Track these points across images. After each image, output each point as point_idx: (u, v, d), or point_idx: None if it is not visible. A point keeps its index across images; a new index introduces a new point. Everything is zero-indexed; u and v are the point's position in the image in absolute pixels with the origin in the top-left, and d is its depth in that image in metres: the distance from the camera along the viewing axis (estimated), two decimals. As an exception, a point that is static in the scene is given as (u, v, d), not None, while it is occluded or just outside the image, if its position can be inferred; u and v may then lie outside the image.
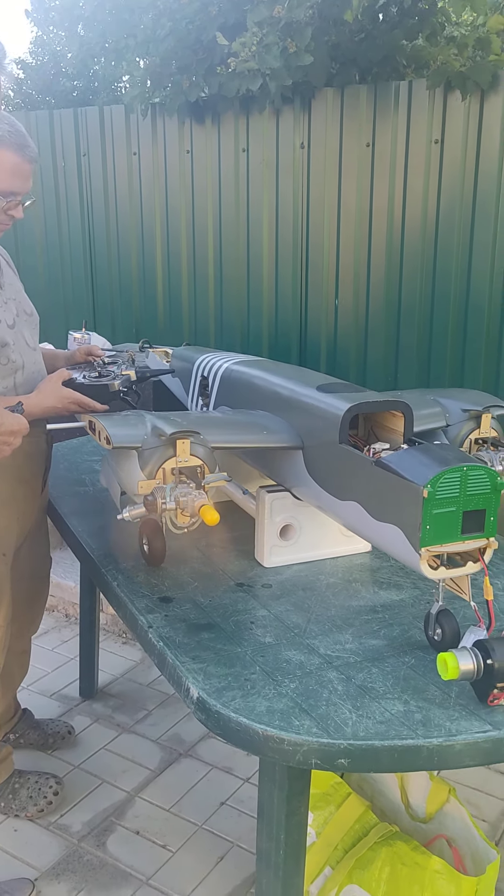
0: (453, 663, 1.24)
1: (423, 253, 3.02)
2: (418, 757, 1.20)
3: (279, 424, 1.72)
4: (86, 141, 3.83)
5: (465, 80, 2.77)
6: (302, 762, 1.21)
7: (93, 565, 1.82)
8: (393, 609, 1.60)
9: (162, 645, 1.47)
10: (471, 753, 1.21)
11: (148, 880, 1.99)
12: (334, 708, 1.28)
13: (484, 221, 2.86)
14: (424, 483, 1.28)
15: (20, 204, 1.75)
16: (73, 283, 4.03)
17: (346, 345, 3.26)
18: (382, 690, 1.32)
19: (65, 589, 3.15)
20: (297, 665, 1.40)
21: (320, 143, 3.17)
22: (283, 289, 3.38)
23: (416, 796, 1.79)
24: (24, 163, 1.70)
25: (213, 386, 2.04)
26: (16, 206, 1.75)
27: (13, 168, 1.68)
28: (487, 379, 2.96)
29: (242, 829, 2.15)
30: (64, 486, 2.24)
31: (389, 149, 3.03)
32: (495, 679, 1.24)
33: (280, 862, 1.44)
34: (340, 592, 1.66)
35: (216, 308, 3.60)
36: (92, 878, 2.00)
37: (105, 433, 1.61)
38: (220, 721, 1.28)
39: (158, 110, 3.53)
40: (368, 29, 3.18)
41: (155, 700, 2.69)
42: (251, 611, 1.59)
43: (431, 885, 1.54)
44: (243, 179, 3.39)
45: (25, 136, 1.69)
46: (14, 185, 1.70)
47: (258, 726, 1.24)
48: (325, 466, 1.58)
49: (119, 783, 2.31)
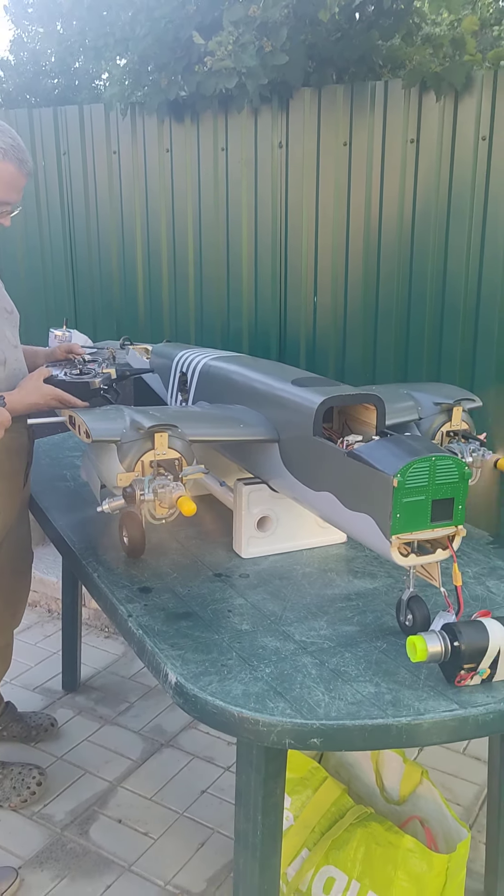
0: (422, 646, 1.28)
1: (399, 252, 3.06)
2: (388, 735, 1.24)
3: (256, 418, 1.76)
4: (65, 139, 3.85)
5: (440, 81, 2.81)
6: (276, 742, 1.26)
7: (74, 558, 1.85)
8: (367, 597, 1.64)
9: (141, 633, 1.50)
10: (438, 731, 1.25)
11: (130, 867, 2.03)
12: (308, 690, 1.32)
13: (458, 221, 2.91)
14: (394, 473, 1.33)
15: (8, 213, 1.81)
16: (54, 280, 4.05)
17: (325, 344, 3.30)
18: (355, 674, 1.37)
19: (47, 584, 3.18)
20: (272, 651, 1.44)
21: (298, 142, 3.20)
22: (263, 287, 3.41)
23: (391, 779, 1.84)
24: (21, 176, 1.77)
25: (192, 381, 2.08)
26: (5, 216, 1.81)
27: (11, 180, 1.75)
28: (463, 376, 3.01)
29: (223, 816, 2.19)
30: (45, 482, 2.27)
31: (366, 148, 3.07)
32: (462, 660, 1.29)
33: (257, 843, 1.48)
34: (316, 581, 1.71)
35: (196, 305, 3.63)
36: (75, 866, 2.03)
37: (85, 427, 1.65)
38: (197, 704, 1.32)
39: (138, 109, 3.56)
40: (345, 28, 3.22)
41: (137, 692, 2.72)
42: (229, 599, 1.63)
43: (404, 863, 1.58)
44: (222, 178, 3.42)
45: (25, 151, 1.77)
46: (9, 197, 1.77)
47: (234, 709, 1.28)
48: (299, 458, 1.63)
49: (101, 773, 2.35)
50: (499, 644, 1.29)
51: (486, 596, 1.63)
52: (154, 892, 1.96)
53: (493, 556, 1.82)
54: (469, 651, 1.28)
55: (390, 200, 3.06)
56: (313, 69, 3.22)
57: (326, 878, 1.69)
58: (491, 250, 2.85)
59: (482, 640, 1.28)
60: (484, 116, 2.80)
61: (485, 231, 2.86)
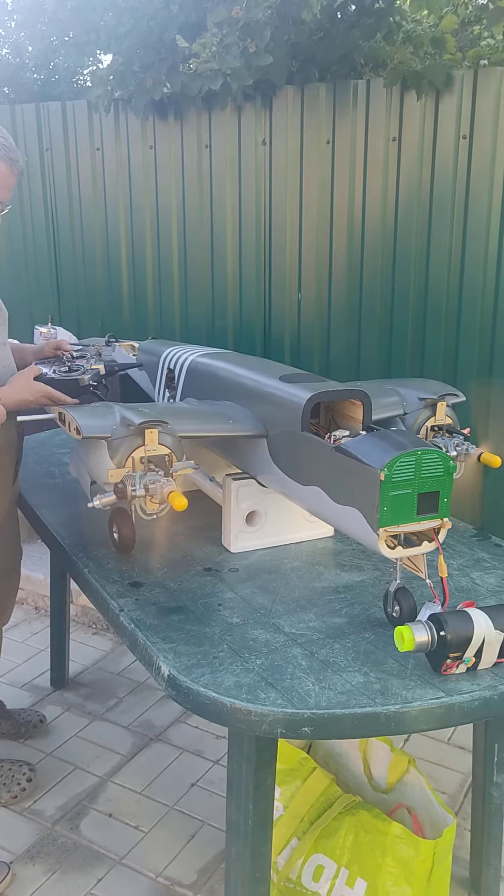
0: (409, 636, 1.31)
1: (382, 249, 3.09)
2: (377, 723, 1.27)
3: (244, 414, 1.78)
4: (48, 136, 3.85)
5: (421, 80, 2.84)
6: (268, 731, 1.28)
7: (64, 554, 1.87)
8: (354, 589, 1.67)
9: (133, 627, 1.52)
10: (425, 718, 1.29)
11: (121, 860, 2.05)
12: (298, 681, 1.35)
13: (440, 218, 2.95)
14: (381, 466, 1.35)
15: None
16: (38, 278, 4.05)
17: (310, 341, 3.33)
18: (344, 664, 1.39)
19: (34, 582, 3.18)
20: (263, 643, 1.46)
21: (282, 140, 3.22)
22: (247, 284, 3.43)
23: (379, 768, 1.87)
24: (12, 175, 1.79)
25: (180, 378, 2.10)
26: None
27: (2, 180, 1.77)
28: (445, 372, 3.05)
29: (213, 808, 2.22)
30: (34, 479, 2.28)
31: (349, 146, 3.09)
32: (448, 649, 1.32)
33: (248, 831, 1.51)
34: (304, 575, 1.73)
35: (181, 302, 3.64)
36: (66, 860, 2.05)
37: (75, 424, 1.66)
38: (189, 696, 1.34)
39: (121, 106, 3.56)
40: (327, 28, 3.24)
41: (126, 688, 2.74)
42: (219, 593, 1.65)
43: (392, 849, 1.62)
44: (206, 175, 3.44)
45: (16, 151, 1.78)
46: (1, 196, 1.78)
47: (226, 699, 1.30)
48: (288, 453, 1.65)
49: (91, 768, 2.36)
50: (483, 633, 1.32)
51: (470, 587, 1.67)
52: (146, 884, 1.98)
53: (477, 548, 1.85)
54: (455, 640, 1.31)
55: (373, 198, 3.09)
56: (296, 68, 3.24)
57: (316, 866, 1.72)
58: (472, 247, 2.89)
59: (467, 629, 1.31)
60: (464, 115, 2.84)
61: (466, 228, 2.89)
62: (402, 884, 1.60)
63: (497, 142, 2.79)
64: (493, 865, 1.94)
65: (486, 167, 2.82)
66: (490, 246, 2.85)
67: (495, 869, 1.95)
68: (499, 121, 2.77)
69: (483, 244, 2.86)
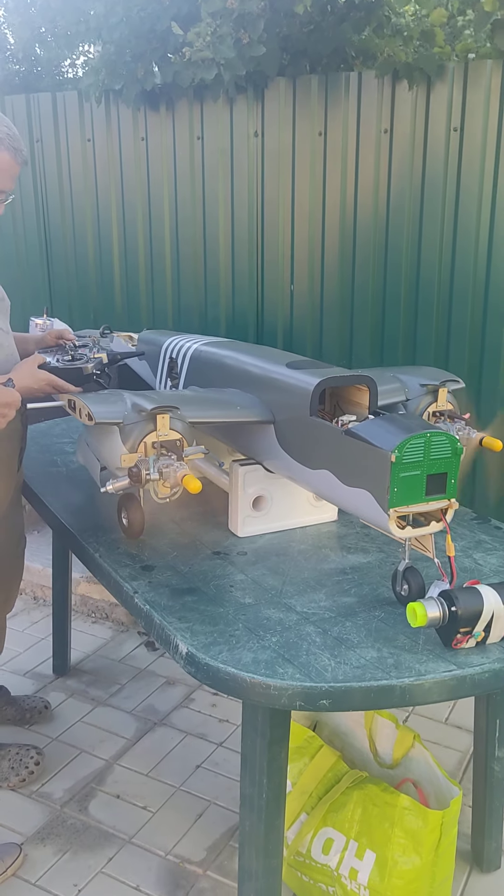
0: (422, 611, 1.36)
1: (374, 239, 3.13)
2: (392, 695, 1.32)
3: (251, 400, 1.82)
4: (38, 127, 3.85)
5: (413, 71, 2.88)
6: (287, 705, 1.32)
7: (74, 540, 1.89)
8: (361, 570, 1.71)
9: (149, 608, 1.56)
10: (438, 690, 1.33)
11: (131, 839, 2.09)
12: (314, 657, 1.39)
13: (432, 209, 2.99)
14: (392, 449, 1.40)
15: (2, 202, 1.84)
16: (29, 269, 4.05)
17: (302, 331, 3.37)
18: (357, 641, 1.44)
19: (33, 572, 3.20)
20: (276, 622, 1.51)
21: (274, 131, 3.25)
22: (240, 275, 3.46)
23: (384, 745, 1.92)
24: (16, 165, 1.81)
25: (183, 367, 2.13)
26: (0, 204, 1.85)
27: (6, 169, 1.78)
28: (437, 362, 3.10)
29: (219, 788, 2.26)
30: (37, 467, 2.30)
31: (341, 138, 3.13)
32: (458, 624, 1.36)
33: (263, 805, 1.55)
34: (311, 557, 1.78)
35: (173, 293, 3.66)
36: (76, 840, 2.08)
37: (87, 410, 1.69)
38: (209, 672, 1.38)
39: (112, 97, 3.57)
40: (317, 21, 3.27)
41: (127, 674, 2.78)
42: (229, 576, 1.69)
43: (401, 820, 1.67)
44: (198, 167, 3.46)
45: (20, 140, 1.80)
46: (4, 185, 1.81)
47: (246, 675, 1.34)
48: (296, 438, 1.69)
49: (97, 752, 2.40)
50: (493, 608, 1.37)
51: (473, 567, 1.72)
52: (155, 862, 2.02)
53: (478, 530, 1.90)
54: (465, 615, 1.36)
55: (365, 189, 3.13)
56: (288, 61, 3.27)
57: (325, 840, 1.77)
58: (463, 238, 2.94)
59: (477, 604, 1.36)
60: (455, 108, 2.89)
61: (457, 219, 2.94)
62: (411, 854, 1.65)
63: (487, 134, 2.83)
64: (495, 839, 2.00)
65: (477, 159, 2.87)
66: (480, 237, 2.90)
67: (497, 842, 2.01)
68: (489, 113, 2.82)
69: (473, 235, 2.91)
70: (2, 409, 1.73)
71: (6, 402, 1.73)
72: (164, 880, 1.97)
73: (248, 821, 1.59)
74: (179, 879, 1.97)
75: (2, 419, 1.74)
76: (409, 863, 1.66)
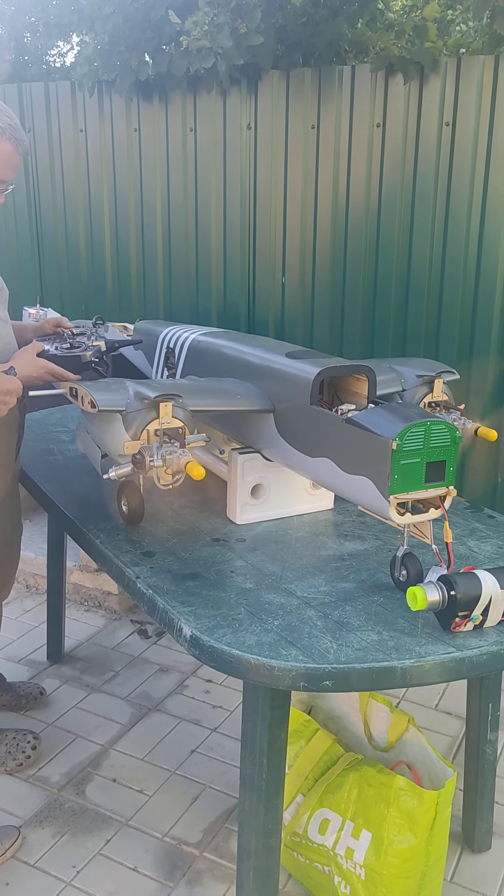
0: (422, 595, 1.39)
1: (366, 233, 3.16)
2: (393, 676, 1.36)
3: (250, 390, 1.84)
4: (31, 116, 3.84)
5: (407, 65, 2.91)
6: (290, 686, 1.36)
7: (74, 527, 1.92)
8: (359, 557, 1.75)
9: (151, 592, 1.59)
10: (438, 672, 1.37)
11: (128, 822, 2.12)
12: (316, 639, 1.42)
13: (423, 203, 3.02)
14: (393, 437, 1.43)
15: (3, 192, 1.85)
16: (20, 260, 4.05)
17: (293, 323, 3.39)
18: (357, 624, 1.47)
19: (26, 560, 3.21)
20: (278, 606, 1.54)
21: (267, 124, 3.27)
22: (231, 267, 3.48)
23: (378, 728, 1.96)
24: (17, 155, 1.82)
25: (181, 357, 2.15)
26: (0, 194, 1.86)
27: (7, 159, 1.79)
28: (427, 353, 3.14)
29: (213, 773, 2.29)
30: (35, 455, 2.32)
31: (333, 131, 3.15)
32: (457, 608, 1.40)
33: (263, 785, 1.58)
34: (309, 544, 1.81)
35: (165, 285, 3.68)
36: (74, 823, 2.11)
37: (90, 397, 1.71)
38: (213, 654, 1.41)
39: (105, 88, 3.57)
40: (311, 13, 3.29)
41: (121, 661, 2.80)
42: (230, 561, 1.72)
43: (396, 801, 1.71)
44: (191, 158, 3.47)
45: (21, 130, 1.81)
46: (5, 175, 1.82)
47: (250, 656, 1.37)
48: (296, 427, 1.72)
49: (93, 737, 2.42)
50: (490, 592, 1.41)
51: (468, 554, 1.76)
52: (153, 843, 2.05)
53: (472, 519, 1.94)
54: (464, 599, 1.39)
55: (357, 183, 3.16)
56: (282, 53, 3.29)
57: (321, 820, 1.81)
58: (453, 232, 2.97)
59: (476, 589, 1.40)
60: (448, 103, 2.91)
61: (448, 213, 2.98)
62: (407, 833, 1.69)
63: (479, 129, 2.87)
64: (486, 820, 2.05)
65: (469, 153, 2.90)
66: (471, 230, 2.94)
67: (487, 823, 2.06)
68: (481, 108, 2.86)
69: (464, 229, 2.95)
70: (3, 397, 1.75)
71: (7, 390, 1.75)
72: (161, 861, 2.00)
73: (247, 801, 1.62)
74: (177, 861, 2.01)
75: (3, 406, 1.76)
76: (405, 842, 1.70)
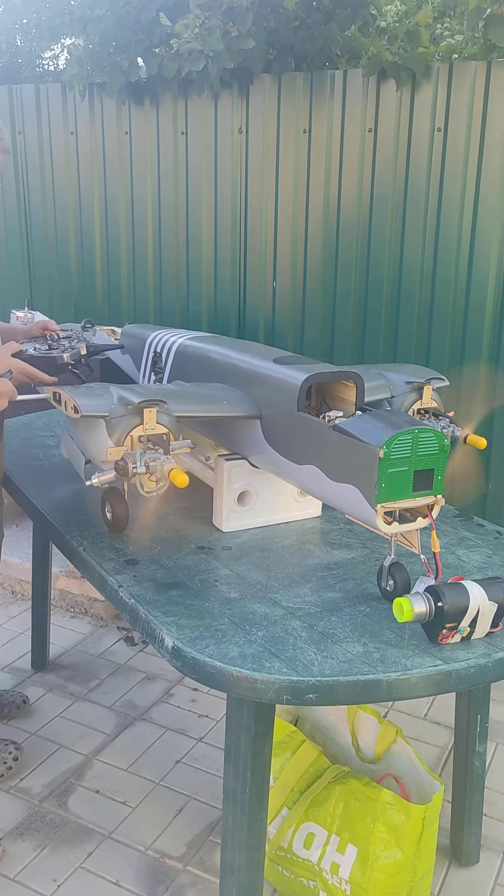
0: (408, 606, 1.37)
1: (357, 238, 3.14)
2: (378, 689, 1.33)
3: (237, 395, 1.82)
4: (21, 119, 3.81)
5: (400, 70, 2.90)
6: (274, 699, 1.32)
7: (57, 534, 1.88)
8: (345, 566, 1.72)
9: (133, 602, 1.55)
10: (424, 685, 1.34)
11: (110, 834, 2.08)
12: (300, 651, 1.39)
13: (414, 208, 3.01)
14: (380, 444, 1.40)
15: None
16: (9, 262, 4.01)
17: (284, 326, 3.37)
18: (342, 635, 1.44)
19: (11, 566, 3.18)
20: (262, 616, 1.51)
21: (258, 128, 3.25)
22: (222, 270, 3.46)
23: (366, 740, 1.93)
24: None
25: (168, 361, 2.12)
26: None
27: None
28: (418, 358, 3.12)
29: (198, 784, 2.26)
30: (19, 461, 2.28)
31: (325, 136, 3.13)
32: (444, 620, 1.37)
33: (246, 799, 1.55)
34: (296, 553, 1.78)
35: (155, 288, 3.65)
36: (55, 836, 2.07)
37: (72, 403, 1.68)
38: (195, 666, 1.38)
39: (96, 90, 3.55)
40: (304, 17, 3.27)
41: (107, 669, 2.76)
42: (214, 570, 1.69)
43: (383, 815, 1.68)
44: (182, 162, 3.45)
45: (1, 128, 1.77)
46: None
47: (232, 668, 1.34)
48: (283, 434, 1.69)
49: (76, 747, 2.39)
50: (478, 604, 1.38)
51: (457, 564, 1.73)
52: (135, 857, 2.01)
53: (461, 527, 1.92)
54: (451, 611, 1.37)
55: (349, 188, 3.14)
56: (274, 56, 3.27)
57: (307, 834, 1.77)
58: (445, 237, 2.96)
59: (463, 600, 1.37)
60: (439, 108, 2.90)
61: (439, 218, 2.96)
62: (393, 848, 1.66)
63: (471, 134, 2.86)
64: (474, 832, 2.02)
65: (460, 159, 2.89)
66: (462, 237, 2.93)
67: (476, 836, 2.03)
68: (472, 114, 2.84)
69: (456, 235, 2.93)
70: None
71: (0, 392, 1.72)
72: (144, 875, 1.96)
73: (231, 815, 1.58)
74: (159, 874, 1.97)
75: None
76: (391, 857, 1.67)
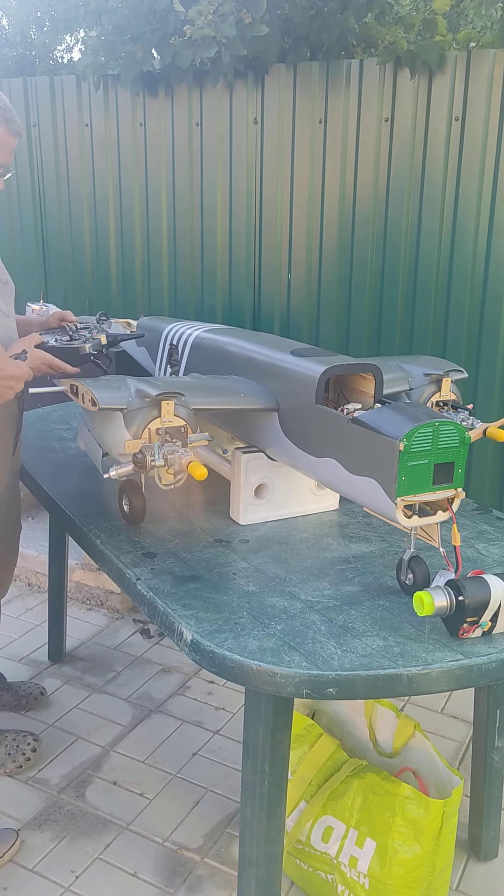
0: (429, 600, 1.35)
1: (373, 229, 3.12)
2: (399, 684, 1.32)
3: (254, 388, 1.81)
4: (36, 111, 3.81)
5: (415, 59, 2.87)
6: (293, 693, 1.32)
7: (74, 526, 1.88)
8: (364, 559, 1.71)
9: (152, 595, 1.55)
10: (445, 679, 1.33)
11: (128, 826, 2.09)
12: (320, 645, 1.38)
13: (431, 198, 2.98)
14: (400, 437, 1.39)
15: (1, 177, 1.80)
16: (24, 255, 4.02)
17: (299, 319, 3.36)
18: (362, 629, 1.44)
19: (27, 558, 3.19)
20: (281, 609, 1.50)
21: (273, 118, 3.23)
22: (237, 262, 3.44)
23: (384, 734, 1.92)
24: (10, 137, 1.76)
25: (184, 353, 2.11)
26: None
27: (2, 142, 1.74)
28: (434, 350, 3.10)
29: (215, 776, 2.26)
30: (36, 453, 2.28)
31: (341, 126, 3.11)
32: (465, 614, 1.36)
33: (264, 792, 1.55)
34: (314, 546, 1.77)
35: (169, 280, 3.64)
36: (73, 826, 2.08)
37: (90, 395, 1.67)
38: (214, 659, 1.37)
39: (111, 82, 3.54)
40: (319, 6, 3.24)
41: (123, 662, 2.77)
42: (232, 563, 1.68)
43: (402, 809, 1.67)
44: (197, 153, 3.43)
45: (12, 111, 1.76)
46: (2, 159, 1.76)
47: (252, 662, 1.34)
48: (301, 426, 1.68)
49: (93, 739, 2.39)
50: (500, 598, 1.36)
51: (476, 557, 1.72)
52: (153, 849, 2.02)
53: (480, 521, 1.90)
54: (473, 605, 1.35)
55: (364, 178, 3.12)
56: (289, 46, 3.24)
57: (325, 828, 1.77)
58: (462, 227, 2.93)
59: (485, 594, 1.36)
60: (457, 97, 2.87)
61: (457, 209, 2.94)
62: (412, 843, 1.66)
63: (489, 123, 2.83)
64: (493, 827, 2.01)
65: (478, 148, 2.86)
66: (480, 227, 2.90)
67: (494, 831, 2.02)
68: (491, 102, 2.81)
69: (473, 225, 2.91)
70: (9, 382, 1.74)
71: (14, 375, 1.74)
72: (161, 867, 1.97)
73: (249, 808, 1.58)
74: (177, 866, 1.97)
75: (9, 391, 1.75)
76: (410, 851, 1.66)
